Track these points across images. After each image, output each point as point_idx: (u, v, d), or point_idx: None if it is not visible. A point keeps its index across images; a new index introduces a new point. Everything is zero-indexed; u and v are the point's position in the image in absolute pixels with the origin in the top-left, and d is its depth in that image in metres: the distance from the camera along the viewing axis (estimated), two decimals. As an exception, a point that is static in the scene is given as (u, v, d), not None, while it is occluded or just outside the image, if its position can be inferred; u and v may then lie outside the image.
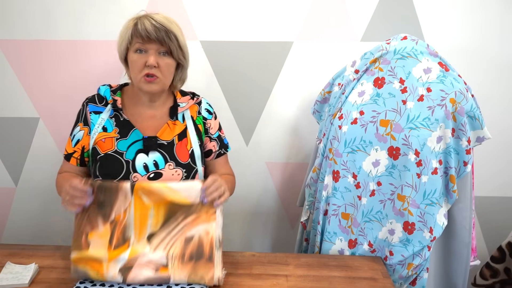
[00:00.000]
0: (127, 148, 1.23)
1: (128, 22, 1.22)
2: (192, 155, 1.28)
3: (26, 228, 1.97)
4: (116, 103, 1.26)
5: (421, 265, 1.32)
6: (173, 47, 1.19)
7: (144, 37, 1.16)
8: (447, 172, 1.26)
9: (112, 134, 1.24)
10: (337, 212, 1.39)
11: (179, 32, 1.21)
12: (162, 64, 1.19)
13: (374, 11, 1.65)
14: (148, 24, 1.16)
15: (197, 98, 1.36)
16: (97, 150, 1.23)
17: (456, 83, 1.25)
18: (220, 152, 1.39)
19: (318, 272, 1.25)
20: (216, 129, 1.37)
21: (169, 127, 1.28)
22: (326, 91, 1.51)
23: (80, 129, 1.27)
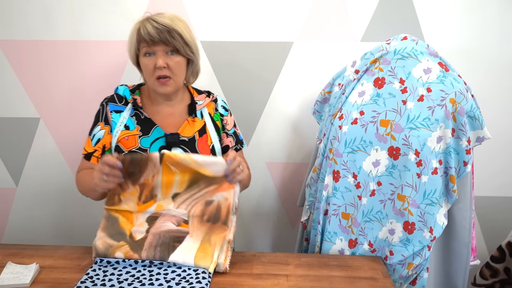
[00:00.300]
0: (150, 145, 1.26)
1: (133, 26, 1.24)
2: (213, 150, 1.33)
3: (26, 228, 1.97)
4: (136, 102, 1.29)
5: (421, 265, 1.32)
6: (179, 45, 1.20)
7: (148, 41, 1.18)
8: (447, 172, 1.27)
9: (134, 132, 1.27)
10: (337, 212, 1.39)
11: (183, 28, 1.22)
12: (171, 64, 1.22)
13: (374, 12, 1.65)
14: (150, 27, 1.17)
15: (213, 96, 1.40)
16: (121, 148, 1.27)
17: (456, 83, 1.25)
18: (237, 148, 1.42)
19: (318, 272, 1.26)
20: (232, 126, 1.41)
21: (189, 124, 1.31)
22: (326, 91, 1.51)
23: (100, 129, 1.29)
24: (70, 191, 1.89)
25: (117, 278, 1.17)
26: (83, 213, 1.94)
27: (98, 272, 1.19)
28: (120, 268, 1.22)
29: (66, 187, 1.89)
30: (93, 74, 1.74)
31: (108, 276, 1.18)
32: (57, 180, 1.88)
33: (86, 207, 1.92)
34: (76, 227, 1.97)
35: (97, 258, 1.24)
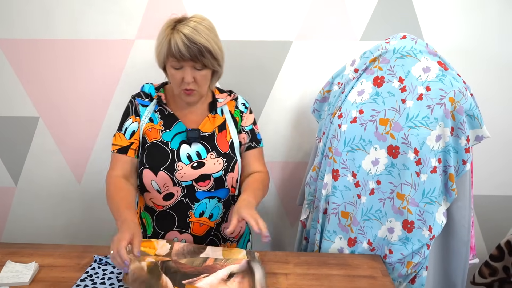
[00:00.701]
0: (171, 138, 1.29)
1: (162, 33, 1.21)
2: (232, 146, 1.34)
3: (26, 227, 1.97)
4: (160, 98, 1.33)
5: (420, 263, 1.32)
6: (207, 62, 1.20)
7: (178, 58, 1.18)
8: (446, 170, 1.27)
9: (157, 126, 1.31)
10: (336, 210, 1.39)
11: (211, 42, 1.19)
12: (198, 78, 1.23)
13: (373, 10, 1.66)
14: (181, 44, 1.15)
15: (234, 94, 1.42)
16: (145, 139, 1.29)
17: (455, 82, 1.25)
18: (251, 145, 1.40)
19: (317, 270, 1.26)
20: (250, 123, 1.41)
21: (209, 120, 1.34)
22: (326, 90, 1.51)
23: (133, 121, 1.32)
24: (69, 190, 1.90)
25: (116, 277, 1.17)
26: (82, 212, 1.94)
27: (97, 271, 1.20)
28: None
29: (66, 186, 1.89)
30: (93, 73, 1.74)
31: (108, 275, 1.18)
32: (56, 179, 1.88)
33: (86, 206, 1.92)
34: (75, 226, 1.97)
35: (96, 256, 1.25)
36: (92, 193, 1.90)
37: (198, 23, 1.19)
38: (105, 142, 1.82)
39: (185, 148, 1.29)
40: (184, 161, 1.27)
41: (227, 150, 1.32)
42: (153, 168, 1.27)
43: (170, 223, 1.33)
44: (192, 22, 1.18)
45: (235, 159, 1.33)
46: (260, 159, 1.42)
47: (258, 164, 1.40)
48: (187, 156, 1.28)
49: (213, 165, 1.29)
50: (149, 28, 1.68)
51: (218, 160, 1.30)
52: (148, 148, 1.29)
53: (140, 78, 1.73)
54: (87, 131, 1.81)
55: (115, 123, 1.77)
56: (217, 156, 1.30)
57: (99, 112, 1.79)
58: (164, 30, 1.20)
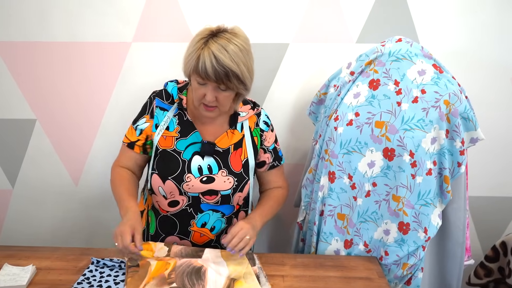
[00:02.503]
0: (185, 148, 1.28)
1: (194, 44, 1.15)
2: (246, 166, 1.32)
3: (23, 229, 1.97)
4: (181, 102, 1.30)
5: (415, 265, 1.33)
6: (232, 86, 1.16)
7: (204, 77, 1.14)
8: (441, 173, 1.28)
9: (173, 133, 1.29)
10: (333, 212, 1.40)
11: (242, 66, 1.14)
12: (220, 98, 1.19)
13: (369, 13, 1.66)
14: (209, 65, 1.11)
15: (257, 109, 1.38)
16: (157, 146, 1.29)
17: (450, 85, 1.26)
18: (274, 164, 1.42)
19: (314, 272, 1.27)
20: (272, 142, 1.41)
21: (227, 136, 1.32)
22: (322, 93, 1.52)
23: (145, 121, 1.31)
24: (66, 192, 1.90)
25: (113, 279, 1.17)
26: (79, 214, 1.94)
27: (94, 273, 1.20)
28: (117, 269, 1.22)
29: (63, 188, 1.89)
30: (89, 75, 1.74)
31: (105, 278, 1.18)
32: (53, 182, 1.88)
33: (83, 208, 1.92)
34: (73, 229, 1.97)
35: (93, 258, 1.25)
36: (89, 195, 1.90)
37: (230, 41, 1.13)
38: (102, 145, 1.82)
39: (197, 160, 1.27)
40: (194, 173, 1.26)
41: (240, 169, 1.31)
42: (162, 175, 1.27)
43: (172, 228, 1.34)
44: (224, 39, 1.13)
45: (246, 179, 1.32)
46: (281, 176, 1.46)
47: (278, 181, 1.45)
48: (198, 168, 1.27)
49: (222, 183, 1.28)
50: (146, 31, 1.68)
51: (229, 178, 1.28)
52: (160, 154, 1.28)
53: (137, 80, 1.73)
54: (84, 133, 1.81)
55: (112, 125, 1.79)
56: (228, 174, 1.28)
57: (96, 114, 1.79)
58: (197, 41, 1.15)
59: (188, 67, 1.17)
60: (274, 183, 1.44)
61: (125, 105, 1.76)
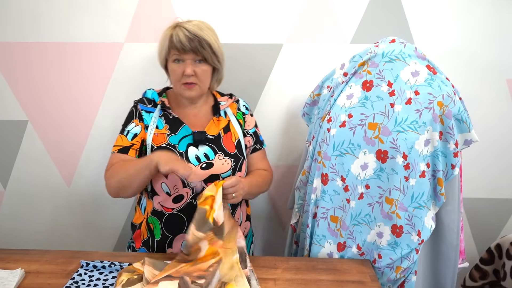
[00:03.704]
0: (178, 142, 1.32)
1: (164, 32, 1.29)
2: (239, 146, 1.39)
3: (14, 231, 1.95)
4: (164, 103, 1.36)
5: (409, 268, 1.32)
6: (207, 55, 1.27)
7: (180, 49, 1.24)
8: (435, 175, 1.26)
9: (163, 130, 1.33)
10: (326, 215, 1.39)
11: (211, 38, 1.27)
12: (198, 71, 1.28)
13: (363, 14, 1.65)
14: (182, 35, 1.23)
15: (235, 97, 1.48)
16: (152, 144, 1.32)
17: (443, 86, 1.25)
18: (256, 147, 1.47)
19: (306, 275, 1.25)
20: (252, 125, 1.47)
21: (214, 123, 1.38)
22: (316, 94, 1.51)
23: (136, 125, 1.34)
24: (58, 193, 1.88)
25: (102, 283, 1.16)
26: (71, 216, 1.92)
27: (83, 277, 1.19)
28: (106, 273, 1.21)
29: (55, 190, 1.87)
30: (82, 76, 1.73)
31: (94, 281, 1.17)
32: (45, 183, 1.86)
33: (75, 210, 1.91)
34: (65, 230, 1.95)
35: (83, 261, 1.23)
36: (81, 196, 1.88)
37: (201, 23, 1.28)
38: (94, 146, 1.80)
39: (193, 150, 1.31)
40: (193, 162, 1.30)
41: (234, 150, 1.36)
42: None
43: (179, 226, 1.33)
44: (194, 21, 1.28)
45: (242, 158, 1.37)
46: (264, 159, 1.50)
47: (262, 163, 1.48)
48: (195, 158, 1.30)
49: (221, 165, 1.32)
50: (139, 31, 1.66)
51: (226, 160, 1.33)
52: (156, 151, 1.28)
53: (130, 81, 1.72)
54: (76, 134, 1.79)
55: (105, 126, 1.77)
56: (225, 156, 1.33)
57: (88, 115, 1.77)
58: (166, 30, 1.29)
59: (163, 50, 1.29)
60: (258, 166, 1.47)
61: (117, 106, 1.74)
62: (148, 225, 1.36)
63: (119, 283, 1.12)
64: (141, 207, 1.40)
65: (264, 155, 1.51)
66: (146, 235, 1.37)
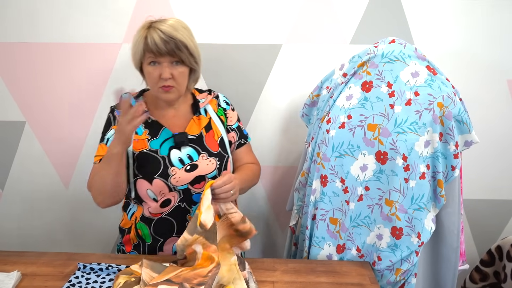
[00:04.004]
0: (159, 146, 1.28)
1: (138, 33, 1.23)
2: (222, 144, 1.35)
3: (12, 233, 1.94)
4: None
5: (409, 271, 1.31)
6: (184, 57, 1.21)
7: (155, 52, 1.18)
8: (435, 176, 1.25)
9: (143, 136, 1.30)
10: (325, 217, 1.38)
11: (187, 38, 1.21)
12: (176, 74, 1.22)
13: (363, 14, 1.64)
14: (157, 38, 1.17)
15: (214, 93, 1.42)
16: (132, 150, 1.28)
17: (444, 87, 1.24)
18: (241, 142, 1.43)
19: (305, 278, 1.24)
20: (235, 120, 1.43)
21: (195, 122, 1.34)
22: (315, 95, 1.50)
23: (114, 132, 1.27)
24: (56, 195, 1.87)
25: (99, 286, 1.15)
26: (69, 217, 1.92)
27: (80, 280, 1.18)
28: (104, 275, 1.20)
29: (53, 191, 1.86)
30: (80, 76, 1.72)
31: (91, 284, 1.16)
32: (43, 184, 1.85)
33: (73, 211, 1.90)
34: (62, 232, 1.94)
35: (80, 264, 1.22)
36: (79, 197, 1.87)
37: (175, 22, 1.22)
38: (92, 147, 1.78)
39: (176, 153, 1.28)
40: (177, 165, 1.27)
41: (217, 149, 1.33)
42: (147, 176, 1.26)
43: (169, 229, 1.32)
44: (169, 21, 1.21)
45: (226, 157, 1.34)
46: (250, 153, 1.47)
47: (248, 157, 1.45)
48: (179, 160, 1.28)
49: (206, 166, 1.29)
50: (137, 32, 1.65)
51: (210, 160, 1.30)
52: (138, 158, 1.27)
53: (128, 81, 1.69)
54: (74, 135, 1.78)
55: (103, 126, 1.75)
56: (209, 156, 1.30)
57: (86, 116, 1.76)
58: (139, 30, 1.22)
59: (138, 53, 1.22)
60: (245, 160, 1.44)
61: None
62: (136, 231, 1.35)
63: (116, 286, 1.11)
64: (128, 212, 1.38)
65: (250, 149, 1.48)
66: (136, 240, 1.36)
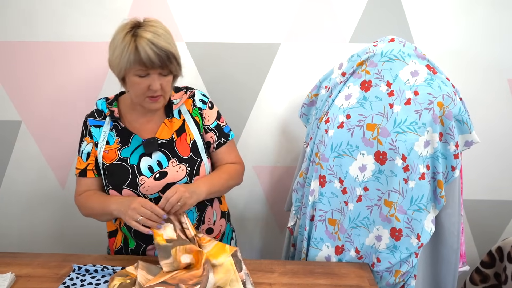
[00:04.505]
0: (130, 154, 1.25)
1: (121, 39, 1.13)
2: (195, 148, 1.29)
3: (7, 234, 1.93)
4: (113, 114, 1.27)
5: (408, 272, 1.29)
6: (173, 68, 1.18)
7: (148, 65, 1.13)
8: (435, 177, 1.24)
9: (114, 145, 1.27)
10: (323, 217, 1.36)
11: (174, 47, 1.18)
12: (164, 84, 1.19)
13: (363, 12, 1.63)
14: (150, 50, 1.11)
15: (191, 91, 1.35)
16: (104, 162, 1.26)
17: (444, 86, 1.22)
18: (220, 142, 1.36)
19: (303, 280, 1.23)
20: (213, 119, 1.36)
21: (166, 126, 1.29)
22: (313, 94, 1.48)
23: (87, 143, 1.29)
24: (52, 195, 1.86)
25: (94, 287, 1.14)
26: (66, 218, 1.90)
27: (75, 281, 1.17)
28: (99, 277, 1.19)
29: (49, 191, 1.85)
30: (76, 76, 1.70)
31: (86, 286, 1.15)
32: (39, 184, 1.84)
33: (69, 211, 1.88)
34: (58, 232, 1.93)
35: (75, 265, 1.21)
36: (76, 198, 1.86)
37: (160, 29, 1.15)
38: (89, 147, 1.78)
39: (146, 160, 1.25)
40: (145, 174, 1.24)
41: (189, 153, 1.28)
42: (116, 187, 1.24)
43: (149, 236, 1.29)
44: (151, 27, 1.14)
45: (198, 161, 1.29)
46: (232, 152, 1.40)
47: (229, 157, 1.39)
48: (148, 168, 1.24)
49: (175, 173, 1.25)
50: (134, 30, 1.64)
51: (180, 166, 1.26)
52: (107, 168, 1.26)
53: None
54: (70, 135, 1.76)
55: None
56: (179, 162, 1.26)
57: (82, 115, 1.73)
58: (123, 37, 1.13)
59: (125, 63, 1.13)
60: (225, 161, 1.38)
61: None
62: (122, 234, 1.34)
63: None
64: None
65: (232, 148, 1.40)
66: (118, 245, 1.35)
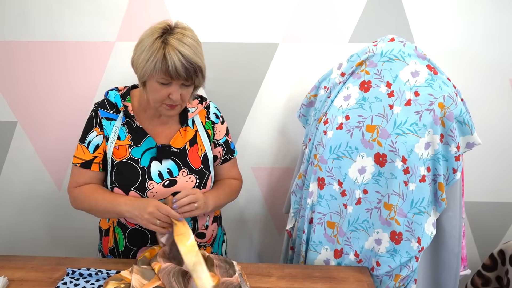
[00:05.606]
0: (141, 155, 1.23)
1: (151, 44, 1.09)
2: (205, 160, 1.29)
3: (2, 236, 1.91)
4: (127, 110, 1.23)
5: (408, 277, 1.27)
6: (198, 81, 1.15)
7: (173, 77, 1.10)
8: (436, 179, 1.21)
9: (125, 141, 1.23)
10: (322, 220, 1.34)
11: (202, 59, 1.14)
12: (184, 94, 1.16)
13: (362, 11, 1.61)
14: (178, 62, 1.07)
15: (206, 102, 1.34)
16: (112, 158, 1.23)
17: (445, 87, 1.20)
18: (226, 158, 1.38)
19: (301, 284, 1.20)
20: (223, 134, 1.37)
21: (180, 134, 1.27)
22: (312, 95, 1.46)
23: (97, 134, 1.24)
24: (48, 197, 1.84)
25: (88, 293, 1.11)
26: (62, 220, 1.88)
27: (69, 286, 1.14)
28: (93, 281, 1.16)
29: (45, 193, 1.83)
30: (72, 76, 1.68)
31: (79, 290, 1.12)
32: (35, 186, 1.82)
33: (66, 213, 1.86)
34: (54, 234, 1.91)
35: (69, 269, 1.19)
36: (72, 200, 1.84)
37: (189, 37, 1.11)
38: (85, 148, 1.76)
39: (156, 166, 1.23)
40: (155, 179, 1.22)
41: (199, 165, 1.27)
42: (123, 187, 1.21)
43: (142, 240, 1.28)
44: (182, 36, 1.10)
45: (207, 174, 1.28)
46: (234, 168, 1.43)
47: (231, 173, 1.41)
48: (158, 174, 1.22)
49: (185, 183, 1.24)
50: (130, 30, 1.62)
51: (190, 177, 1.25)
52: (117, 166, 1.22)
53: (121, 80, 1.67)
54: (66, 135, 1.74)
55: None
56: (190, 173, 1.25)
57: (79, 115, 1.71)
58: (152, 42, 1.09)
59: (150, 69, 1.09)
60: (227, 175, 1.40)
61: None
62: (114, 234, 1.32)
63: None
64: None
65: (235, 164, 1.43)
66: (111, 244, 1.33)
